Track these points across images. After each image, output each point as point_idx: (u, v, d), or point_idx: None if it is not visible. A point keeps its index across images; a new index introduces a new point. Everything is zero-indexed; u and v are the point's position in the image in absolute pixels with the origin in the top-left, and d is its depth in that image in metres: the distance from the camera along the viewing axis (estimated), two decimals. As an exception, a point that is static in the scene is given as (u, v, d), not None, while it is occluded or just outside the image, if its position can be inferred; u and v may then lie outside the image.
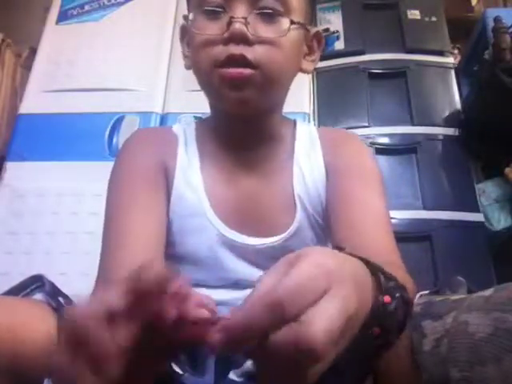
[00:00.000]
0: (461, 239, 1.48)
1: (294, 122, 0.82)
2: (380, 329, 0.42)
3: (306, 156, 0.77)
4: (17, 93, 1.90)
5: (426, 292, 0.56)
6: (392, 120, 1.67)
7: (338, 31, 1.81)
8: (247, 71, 0.66)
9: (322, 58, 1.78)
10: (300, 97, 1.62)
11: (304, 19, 0.72)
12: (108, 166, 0.84)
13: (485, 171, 1.67)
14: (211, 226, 0.72)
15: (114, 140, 1.59)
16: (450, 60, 1.78)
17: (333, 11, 1.84)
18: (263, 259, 0.72)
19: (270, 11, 0.67)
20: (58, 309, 0.55)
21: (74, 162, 1.55)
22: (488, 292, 0.48)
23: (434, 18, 1.81)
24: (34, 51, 1.83)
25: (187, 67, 0.75)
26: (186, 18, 0.74)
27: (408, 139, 1.63)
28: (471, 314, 0.46)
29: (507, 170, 1.52)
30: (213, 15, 0.68)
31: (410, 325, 0.49)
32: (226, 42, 0.66)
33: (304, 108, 1.62)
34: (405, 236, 1.45)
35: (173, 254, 0.73)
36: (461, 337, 0.45)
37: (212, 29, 0.67)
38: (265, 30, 0.66)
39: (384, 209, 0.73)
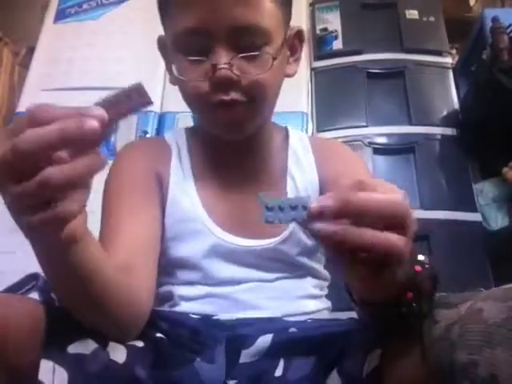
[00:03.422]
0: (458, 239, 1.48)
1: (286, 130, 0.84)
2: (412, 293, 0.50)
3: (299, 167, 0.80)
4: (15, 91, 1.90)
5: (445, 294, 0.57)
6: (390, 120, 1.67)
7: (336, 31, 1.80)
8: (242, 109, 0.69)
9: (320, 58, 1.78)
10: (298, 96, 1.63)
11: (285, 31, 0.73)
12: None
13: (482, 171, 1.67)
14: (207, 230, 0.74)
15: (112, 139, 1.58)
16: (448, 60, 1.78)
17: (331, 11, 1.84)
18: (258, 260, 0.74)
19: (252, 54, 0.68)
20: (48, 303, 0.57)
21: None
22: (506, 286, 0.48)
23: (432, 18, 1.81)
24: (31, 50, 1.83)
25: (172, 83, 0.77)
26: (163, 40, 0.75)
27: (406, 139, 1.63)
28: (487, 301, 0.46)
29: (505, 169, 1.52)
30: (195, 60, 0.68)
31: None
32: (214, 86, 0.68)
33: (302, 107, 1.62)
34: (402, 236, 1.45)
35: (167, 258, 0.75)
36: (473, 322, 0.45)
37: (196, 73, 0.68)
38: (249, 68, 0.68)
39: None
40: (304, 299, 0.75)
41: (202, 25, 0.66)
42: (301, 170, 0.80)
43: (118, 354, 0.58)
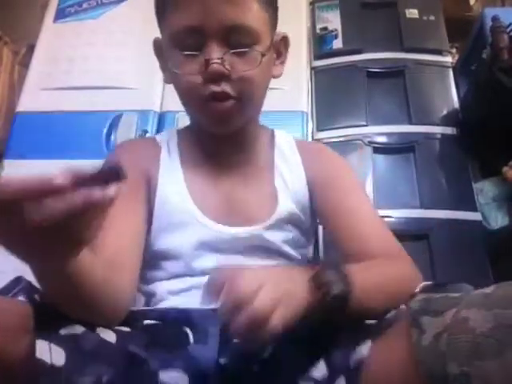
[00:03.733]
0: (458, 238, 1.48)
1: (272, 132, 0.91)
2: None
3: (287, 165, 0.85)
4: (14, 90, 1.90)
5: (430, 283, 0.58)
6: (390, 119, 1.66)
7: (336, 30, 1.80)
8: (231, 103, 0.75)
9: (320, 57, 1.78)
10: (298, 96, 1.63)
11: (272, 35, 0.80)
12: (106, 163, 0.84)
13: (482, 170, 1.67)
14: (195, 220, 0.78)
15: (112, 138, 1.58)
16: (448, 59, 1.78)
17: (331, 10, 1.84)
18: (245, 249, 0.79)
19: (242, 50, 0.74)
20: (33, 304, 0.59)
21: (72, 160, 1.55)
22: (488, 290, 0.49)
23: (432, 17, 1.81)
24: (31, 49, 1.83)
25: (167, 82, 0.83)
26: (158, 42, 0.82)
27: (406, 138, 1.63)
28: (471, 310, 0.46)
29: (505, 169, 1.52)
30: (189, 55, 0.74)
31: (408, 320, 0.51)
32: (206, 80, 0.73)
33: (302, 107, 1.62)
34: (402, 235, 1.44)
35: (155, 251, 0.79)
36: (461, 332, 0.45)
37: (190, 67, 0.74)
38: (239, 64, 0.74)
39: (373, 210, 0.84)
40: None
41: (197, 23, 0.72)
42: (288, 168, 0.84)
43: (107, 335, 0.60)
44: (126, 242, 0.73)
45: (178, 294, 0.76)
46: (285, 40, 0.85)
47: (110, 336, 0.60)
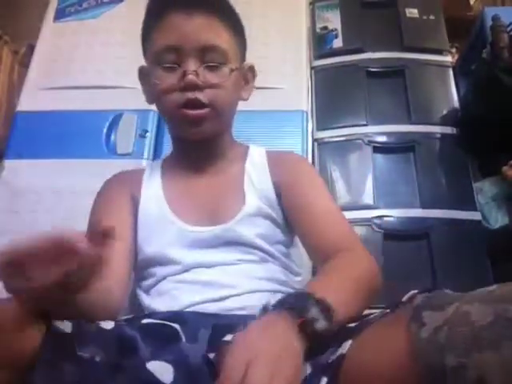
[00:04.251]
0: (458, 237, 1.48)
1: (248, 146, 1.00)
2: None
3: (255, 169, 0.94)
4: (14, 90, 1.90)
5: (416, 292, 0.59)
6: (390, 118, 1.66)
7: (336, 29, 1.80)
8: (203, 111, 0.87)
9: (320, 56, 1.78)
10: (298, 95, 1.62)
11: (240, 62, 0.94)
12: (105, 163, 0.87)
13: (482, 170, 1.67)
14: (172, 225, 0.88)
15: (112, 138, 1.58)
16: (448, 59, 1.78)
17: (331, 9, 1.84)
18: (220, 245, 0.86)
19: (213, 64, 0.88)
20: None
21: (72, 160, 1.55)
22: (491, 288, 0.49)
23: (432, 17, 1.81)
24: (31, 48, 1.83)
25: (148, 102, 0.96)
26: (143, 69, 0.95)
27: (406, 138, 1.63)
28: (473, 304, 0.47)
29: (504, 168, 1.52)
30: (169, 68, 0.88)
31: (408, 314, 0.51)
32: (183, 89, 0.86)
33: (302, 106, 1.62)
34: (402, 234, 1.45)
35: (143, 259, 0.89)
36: (461, 325, 0.46)
37: (170, 79, 0.87)
38: (211, 77, 0.87)
39: (330, 205, 0.91)
40: (265, 281, 0.84)
41: (177, 43, 0.86)
42: (256, 172, 0.94)
43: (105, 324, 0.65)
44: (115, 256, 0.80)
45: (166, 293, 0.84)
46: (252, 69, 0.98)
47: (108, 324, 0.66)
